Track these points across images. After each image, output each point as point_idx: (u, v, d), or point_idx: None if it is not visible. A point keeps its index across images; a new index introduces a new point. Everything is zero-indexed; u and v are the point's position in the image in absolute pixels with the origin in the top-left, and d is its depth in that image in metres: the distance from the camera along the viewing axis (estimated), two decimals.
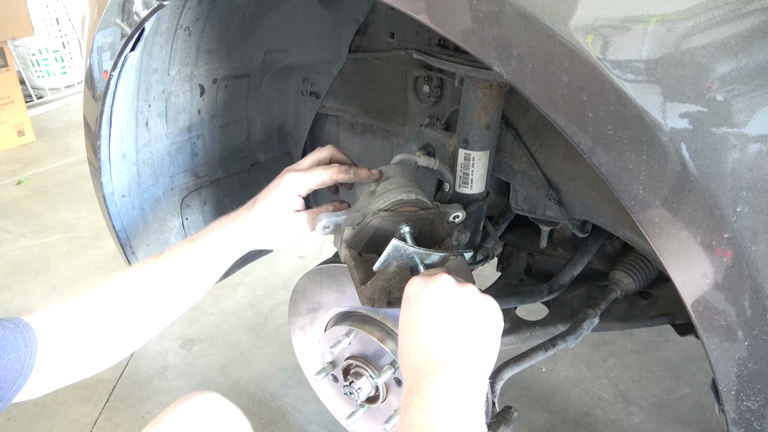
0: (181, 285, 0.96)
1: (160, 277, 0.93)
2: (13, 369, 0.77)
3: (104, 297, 0.89)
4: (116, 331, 0.90)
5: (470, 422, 0.67)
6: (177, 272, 0.94)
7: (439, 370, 0.69)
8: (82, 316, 0.86)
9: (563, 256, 1.40)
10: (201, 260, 0.96)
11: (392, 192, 0.94)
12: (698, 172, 0.57)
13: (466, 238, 1.13)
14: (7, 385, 0.76)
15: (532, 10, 0.60)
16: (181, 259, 0.95)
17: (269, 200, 0.97)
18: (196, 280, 0.97)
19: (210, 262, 0.98)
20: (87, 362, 0.89)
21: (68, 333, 0.85)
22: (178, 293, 0.96)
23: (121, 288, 0.91)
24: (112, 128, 1.13)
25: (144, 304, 0.92)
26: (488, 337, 0.76)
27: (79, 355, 0.87)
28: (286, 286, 2.38)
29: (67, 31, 4.77)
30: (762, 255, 0.58)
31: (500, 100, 1.01)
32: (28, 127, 4.02)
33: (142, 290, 0.92)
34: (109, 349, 0.91)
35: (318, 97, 1.46)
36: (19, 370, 0.77)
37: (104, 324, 0.88)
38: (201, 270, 0.97)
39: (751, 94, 0.55)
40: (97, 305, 0.88)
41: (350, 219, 0.96)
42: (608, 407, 1.78)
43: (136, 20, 0.98)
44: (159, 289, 0.93)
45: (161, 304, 0.94)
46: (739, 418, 0.66)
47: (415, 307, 0.76)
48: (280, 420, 1.76)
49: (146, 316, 0.93)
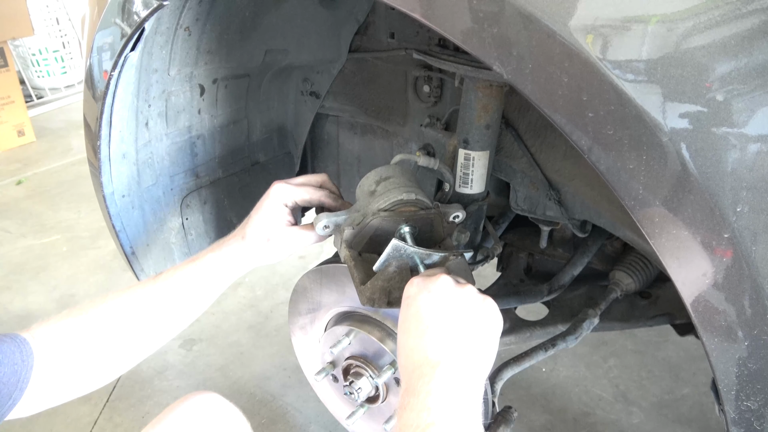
0: (180, 305, 0.96)
1: (159, 297, 0.94)
2: (9, 383, 0.77)
3: (102, 316, 0.90)
4: (113, 350, 0.91)
5: (466, 423, 0.67)
6: (176, 293, 0.95)
7: (435, 371, 0.69)
8: (80, 334, 0.87)
9: (563, 256, 1.40)
10: (201, 281, 0.97)
11: (392, 192, 0.94)
12: (698, 172, 0.57)
13: (466, 238, 1.13)
14: (3, 399, 0.76)
15: (532, 10, 0.60)
16: (180, 280, 0.95)
17: (261, 212, 0.98)
18: (195, 300, 0.98)
19: (209, 283, 0.98)
20: (83, 380, 0.89)
21: (65, 350, 0.85)
22: (176, 313, 0.97)
23: (120, 308, 0.91)
24: (112, 128, 1.13)
25: (142, 325, 0.93)
26: (486, 338, 0.76)
27: (75, 372, 0.87)
28: (286, 286, 2.38)
29: (67, 31, 4.77)
30: (762, 255, 0.58)
31: (500, 100, 1.01)
32: (28, 127, 4.02)
33: (140, 311, 0.92)
34: (105, 367, 0.91)
35: (318, 97, 1.46)
36: (15, 384, 0.77)
37: (101, 343, 0.89)
38: (200, 290, 0.98)
39: (751, 94, 0.55)
40: (95, 324, 0.89)
41: (350, 219, 0.96)
42: (608, 407, 1.78)
43: (136, 20, 0.98)
44: (157, 309, 0.94)
45: (159, 325, 0.95)
46: (739, 418, 0.66)
47: (413, 307, 0.76)
48: (280, 420, 1.76)
49: (143, 336, 0.94)
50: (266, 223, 0.98)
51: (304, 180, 1.04)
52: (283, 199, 0.99)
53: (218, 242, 1.01)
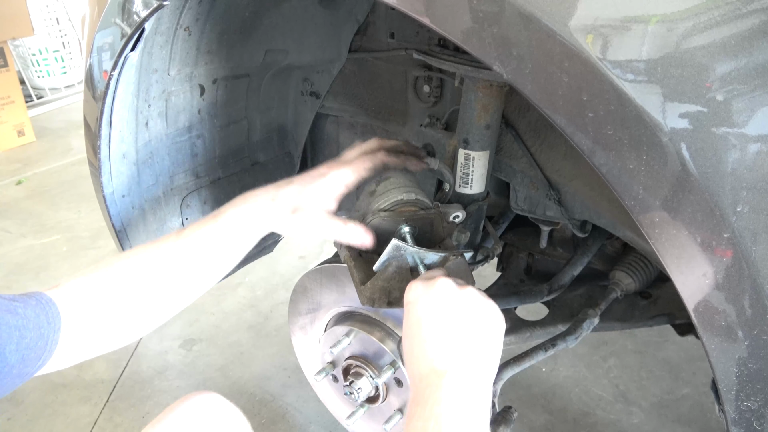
0: (204, 263, 0.93)
1: (182, 254, 0.91)
2: (36, 347, 0.76)
3: (128, 272, 0.88)
4: (139, 307, 0.89)
5: (475, 430, 0.67)
6: (199, 250, 0.92)
7: (442, 380, 0.69)
8: (106, 290, 0.86)
9: (563, 256, 1.40)
10: (223, 237, 0.93)
11: (392, 192, 0.94)
12: (698, 172, 0.57)
13: (466, 238, 1.13)
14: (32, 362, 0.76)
15: (532, 10, 0.60)
16: (202, 237, 0.92)
17: (309, 186, 0.93)
18: (218, 258, 0.95)
19: (232, 240, 0.94)
20: (110, 337, 0.88)
21: (91, 308, 0.84)
22: (201, 271, 0.94)
23: (145, 264, 0.89)
24: (112, 128, 1.13)
25: (167, 281, 0.90)
26: (490, 341, 0.75)
27: (102, 329, 0.86)
28: (286, 286, 2.38)
29: (67, 31, 4.77)
30: (762, 255, 0.58)
31: (500, 100, 1.01)
32: (28, 127, 4.02)
33: (165, 267, 0.90)
34: (132, 324, 0.90)
35: (318, 97, 1.46)
36: (43, 347, 0.77)
37: (128, 300, 0.87)
38: (223, 248, 0.94)
39: (751, 94, 0.55)
40: (121, 280, 0.87)
41: (350, 219, 0.96)
42: (608, 407, 1.78)
43: (136, 20, 0.98)
44: (182, 266, 0.91)
45: (184, 282, 0.92)
46: (739, 418, 0.66)
47: (414, 314, 0.76)
48: (280, 420, 1.76)
49: (169, 293, 0.92)
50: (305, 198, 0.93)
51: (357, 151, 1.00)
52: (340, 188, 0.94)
53: (243, 195, 0.96)
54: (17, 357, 0.74)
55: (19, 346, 0.74)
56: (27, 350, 0.75)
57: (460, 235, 1.11)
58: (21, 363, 0.75)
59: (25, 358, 0.76)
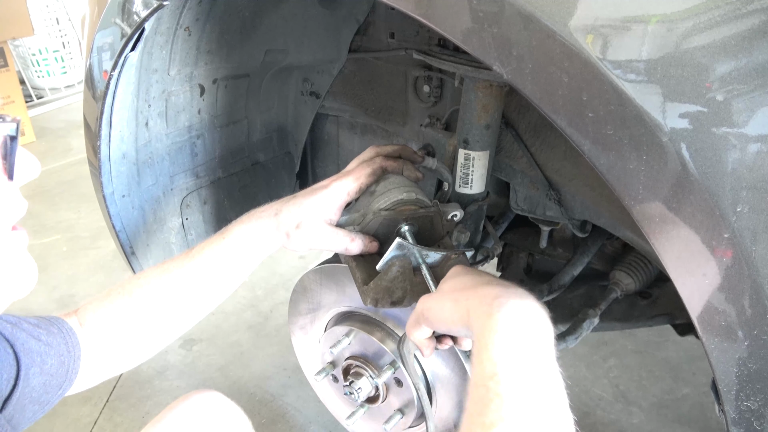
0: (214, 282, 0.97)
1: (193, 276, 0.95)
2: (57, 374, 0.80)
3: (143, 299, 0.92)
4: (155, 330, 0.94)
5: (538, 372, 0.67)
6: (209, 270, 0.95)
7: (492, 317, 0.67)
8: (123, 319, 0.91)
9: (563, 256, 1.40)
10: (231, 256, 0.95)
11: (392, 192, 0.94)
12: (698, 172, 0.57)
13: (466, 238, 1.13)
14: (53, 390, 0.80)
15: (532, 10, 0.60)
16: (211, 257, 0.95)
17: (310, 199, 0.93)
18: (228, 276, 0.97)
19: (240, 258, 0.96)
20: (126, 360, 0.95)
21: (110, 336, 0.90)
22: (211, 290, 0.97)
23: (159, 290, 0.93)
24: (112, 128, 1.13)
25: (180, 304, 0.95)
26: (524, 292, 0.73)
27: (119, 354, 0.92)
28: (286, 286, 2.38)
29: (67, 31, 4.76)
30: (762, 255, 0.58)
31: (500, 100, 1.01)
32: (28, 127, 4.01)
33: (178, 290, 0.94)
34: (147, 346, 0.96)
35: (318, 97, 1.46)
36: (64, 375, 0.82)
37: (144, 325, 0.93)
38: (232, 266, 0.96)
39: (751, 94, 0.55)
40: (137, 308, 0.92)
41: (350, 219, 0.96)
42: (608, 407, 1.78)
43: (136, 20, 0.98)
44: (194, 287, 0.95)
45: (196, 302, 0.97)
46: (739, 418, 0.66)
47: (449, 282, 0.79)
48: (280, 420, 1.76)
49: (182, 314, 0.96)
50: (307, 212, 0.93)
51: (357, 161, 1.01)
52: (342, 197, 0.94)
53: (249, 213, 0.97)
54: (40, 381, 0.77)
55: (42, 371, 0.77)
56: (49, 377, 0.79)
57: (460, 235, 1.11)
58: (42, 388, 0.78)
59: (46, 385, 0.78)
